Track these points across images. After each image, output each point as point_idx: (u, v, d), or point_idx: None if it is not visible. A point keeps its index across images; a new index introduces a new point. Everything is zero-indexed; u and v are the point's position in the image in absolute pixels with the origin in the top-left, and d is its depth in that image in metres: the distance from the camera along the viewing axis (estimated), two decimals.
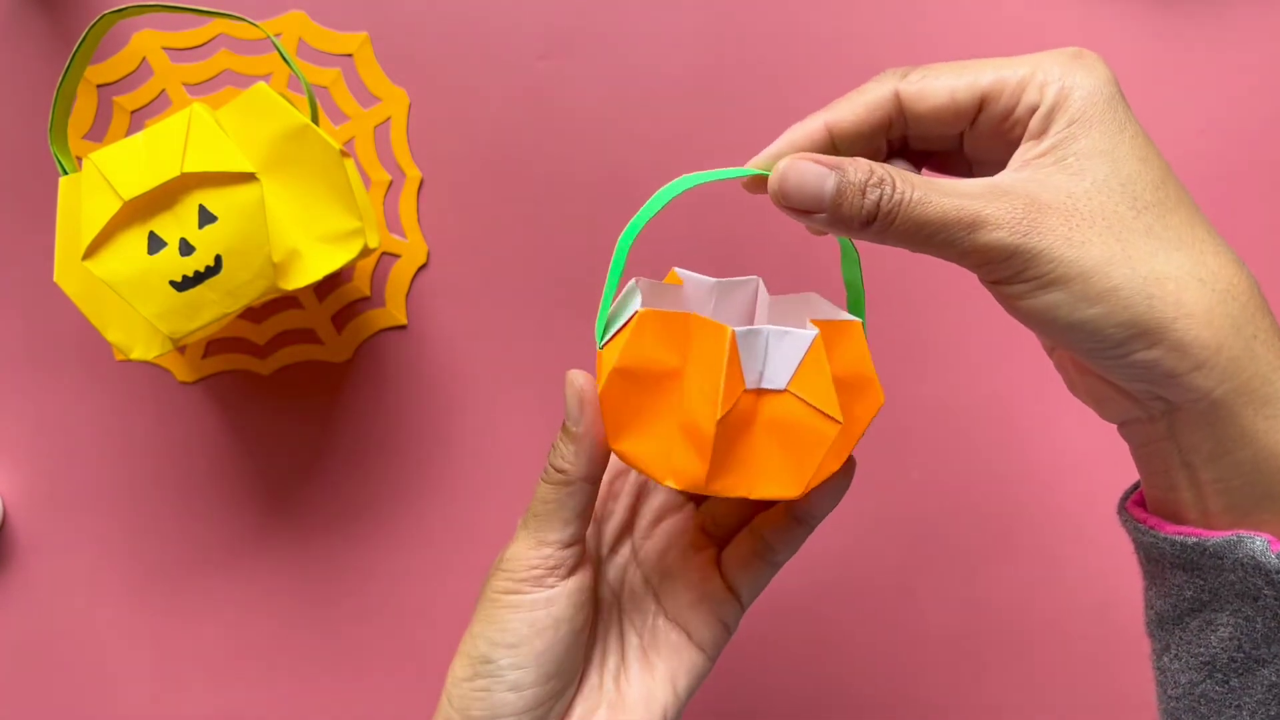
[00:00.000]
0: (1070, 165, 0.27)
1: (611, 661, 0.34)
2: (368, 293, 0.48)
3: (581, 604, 0.32)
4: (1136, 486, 0.32)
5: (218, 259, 0.38)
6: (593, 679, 0.34)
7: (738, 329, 0.28)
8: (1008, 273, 0.26)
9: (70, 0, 0.47)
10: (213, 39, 0.47)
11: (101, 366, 0.48)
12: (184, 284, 0.38)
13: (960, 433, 0.48)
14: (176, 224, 0.38)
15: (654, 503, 0.36)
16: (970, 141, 0.30)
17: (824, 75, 0.48)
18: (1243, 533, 0.27)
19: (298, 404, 0.48)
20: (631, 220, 0.30)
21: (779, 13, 0.48)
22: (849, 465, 0.32)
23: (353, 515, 0.49)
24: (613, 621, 0.35)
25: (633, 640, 0.35)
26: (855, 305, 0.33)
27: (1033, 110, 0.28)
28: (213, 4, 0.46)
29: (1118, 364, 0.27)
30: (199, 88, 0.47)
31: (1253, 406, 0.26)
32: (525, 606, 0.31)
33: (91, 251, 0.38)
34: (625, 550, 0.36)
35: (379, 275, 0.48)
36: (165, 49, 0.47)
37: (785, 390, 0.29)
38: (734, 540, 0.35)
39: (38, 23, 0.47)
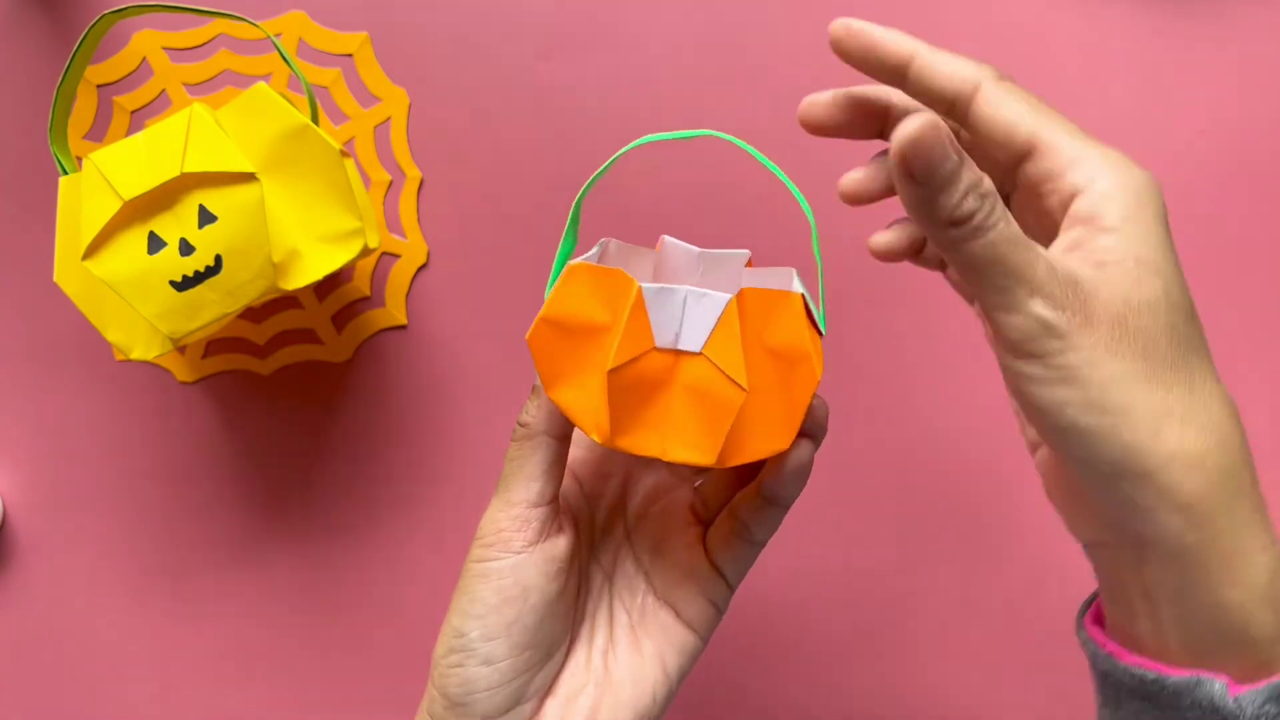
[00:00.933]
0: (1132, 273, 0.27)
1: (600, 640, 0.34)
2: (368, 293, 0.48)
3: (553, 573, 0.31)
4: (1094, 597, 0.32)
5: (218, 259, 0.38)
6: (580, 656, 0.34)
7: (648, 284, 0.28)
8: (1038, 351, 0.26)
9: (70, 0, 0.47)
10: (213, 39, 0.47)
11: (101, 366, 0.48)
12: (184, 284, 0.38)
13: (959, 432, 0.48)
14: (176, 224, 0.38)
15: (646, 483, 0.36)
16: (1007, 187, 0.31)
17: (824, 76, 0.48)
18: (1203, 674, 0.27)
19: (298, 404, 0.48)
20: (589, 179, 0.31)
21: (779, 13, 0.48)
22: (801, 446, 0.31)
23: (353, 515, 0.49)
24: (604, 601, 0.35)
25: (622, 619, 0.35)
26: (820, 283, 0.33)
27: (1078, 190, 0.28)
28: (213, 4, 0.46)
29: (1102, 482, 0.27)
30: (199, 88, 0.47)
31: (1222, 560, 0.26)
32: (494, 574, 0.31)
33: (91, 251, 0.38)
34: (619, 531, 0.36)
35: (379, 275, 0.48)
36: (165, 49, 0.47)
37: (700, 353, 0.29)
38: (716, 520, 0.35)
39: (38, 23, 0.47)
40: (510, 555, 0.31)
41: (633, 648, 0.34)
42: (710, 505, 0.36)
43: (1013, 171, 0.30)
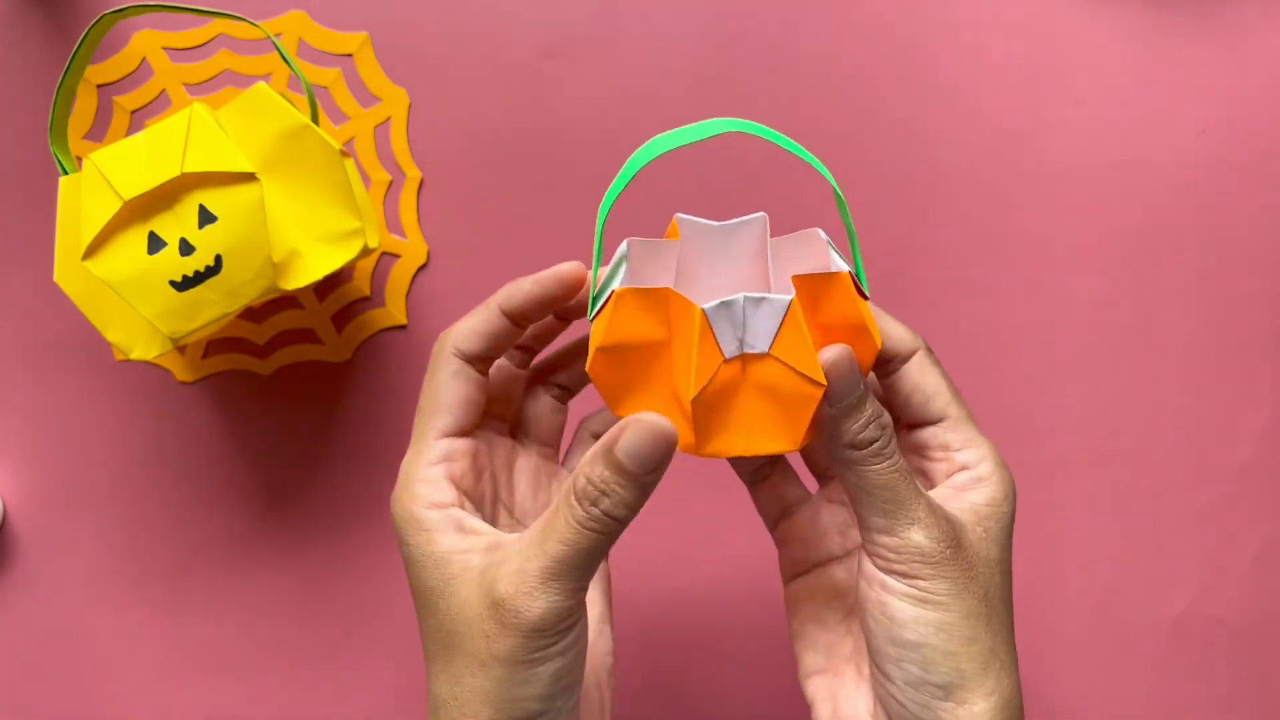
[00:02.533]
0: (996, 537, 0.31)
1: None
2: (368, 293, 0.48)
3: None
4: None
5: (218, 259, 0.38)
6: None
7: (708, 306, 0.28)
8: (911, 572, 0.29)
9: (70, 0, 0.47)
10: (213, 39, 0.47)
11: (101, 366, 0.48)
12: (184, 284, 0.38)
13: None
14: (176, 224, 0.38)
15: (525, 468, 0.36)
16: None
17: (825, 76, 0.48)
18: None
19: (298, 404, 0.48)
20: (610, 188, 0.31)
21: (779, 13, 0.48)
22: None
23: (353, 515, 0.49)
24: None
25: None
26: (854, 250, 0.33)
27: (966, 466, 0.32)
28: (213, 4, 0.46)
29: (916, 687, 0.30)
30: (199, 88, 0.47)
31: None
32: (572, 645, 0.28)
33: (91, 251, 0.38)
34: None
35: (379, 275, 0.48)
36: (165, 49, 0.47)
37: (769, 354, 0.29)
38: (575, 447, 0.37)
39: (38, 23, 0.47)
40: (578, 627, 0.29)
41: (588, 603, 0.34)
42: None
43: (902, 427, 0.34)
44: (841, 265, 0.31)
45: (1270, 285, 0.48)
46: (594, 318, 0.31)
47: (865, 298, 0.31)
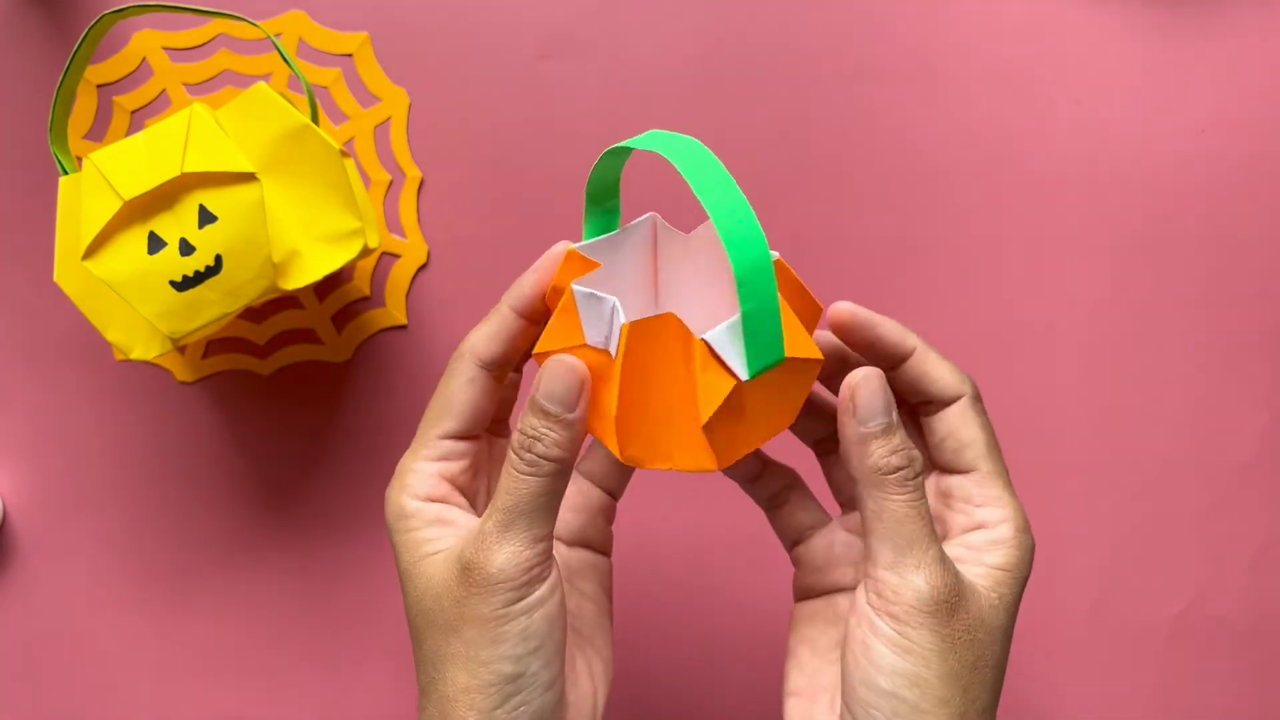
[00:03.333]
0: (1008, 605, 0.30)
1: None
2: (368, 293, 0.48)
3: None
4: None
5: (218, 259, 0.38)
6: None
7: (580, 288, 0.29)
8: (901, 615, 0.29)
9: (70, 0, 0.47)
10: (213, 39, 0.47)
11: (101, 366, 0.48)
12: (184, 284, 0.38)
13: None
14: (176, 224, 0.38)
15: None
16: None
17: (824, 76, 0.48)
18: None
19: (298, 404, 0.48)
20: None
21: (778, 13, 0.48)
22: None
23: (353, 515, 0.49)
24: None
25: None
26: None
27: (985, 525, 0.31)
28: (213, 4, 0.46)
29: None
30: (199, 88, 0.47)
31: None
32: (539, 604, 0.29)
33: (91, 251, 0.38)
34: None
35: (379, 275, 0.48)
36: (165, 49, 0.47)
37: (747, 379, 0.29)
38: (589, 455, 0.37)
39: (38, 23, 0.47)
40: (547, 581, 0.30)
41: (580, 598, 0.35)
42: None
43: (932, 471, 0.34)
44: (711, 335, 0.30)
45: (1270, 285, 0.48)
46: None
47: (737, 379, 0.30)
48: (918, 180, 0.48)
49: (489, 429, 0.35)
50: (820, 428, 0.36)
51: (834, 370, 0.34)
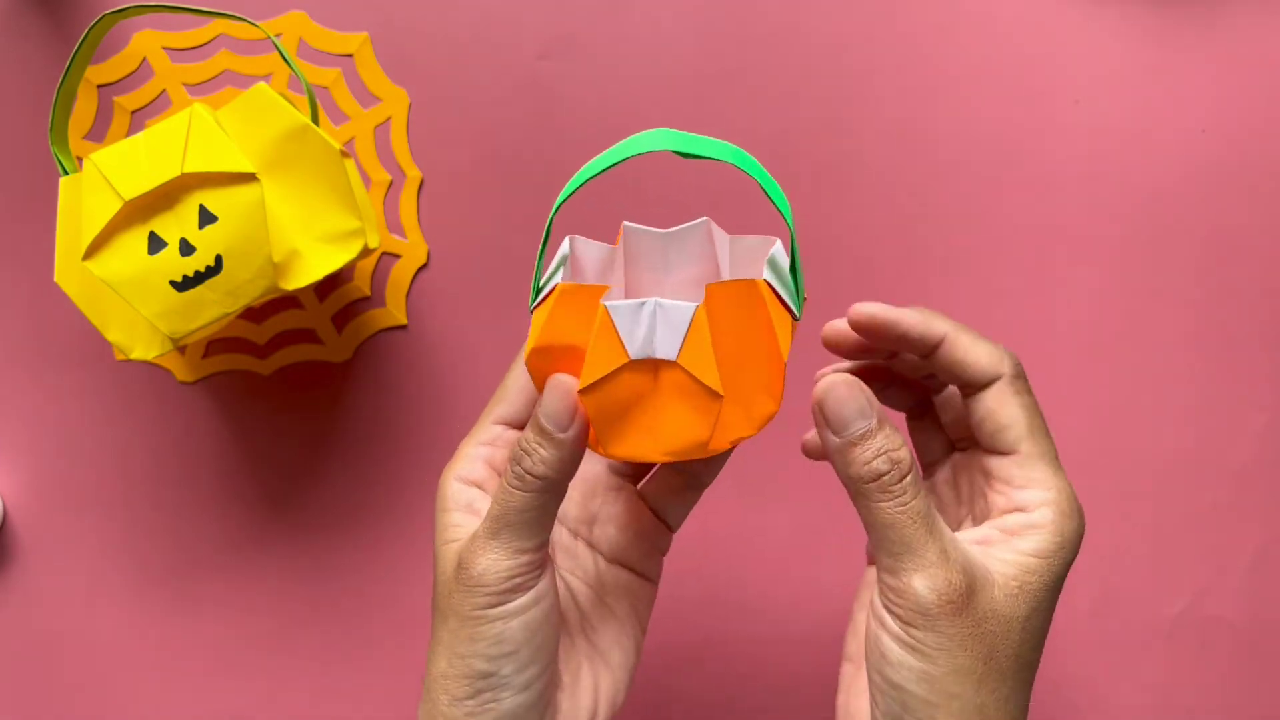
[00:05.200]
0: (1014, 590, 0.29)
1: (573, 618, 0.34)
2: (368, 293, 0.48)
3: (556, 584, 0.32)
4: None
5: (218, 259, 0.38)
6: (564, 641, 0.34)
7: (614, 303, 0.29)
8: (905, 616, 0.28)
9: (70, 0, 0.47)
10: (213, 39, 0.47)
11: (101, 366, 0.48)
12: (184, 284, 0.38)
13: None
14: (177, 224, 0.38)
15: None
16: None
17: (825, 75, 0.48)
18: None
19: (298, 404, 0.48)
20: (566, 185, 0.31)
21: (779, 13, 0.48)
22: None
23: (353, 515, 0.49)
24: (559, 583, 0.35)
25: (584, 592, 0.35)
26: (795, 270, 0.33)
27: (1021, 508, 0.31)
28: (213, 4, 0.46)
29: None
30: (199, 88, 0.47)
31: None
32: (516, 612, 0.30)
33: (92, 251, 0.38)
34: None
35: (379, 275, 0.48)
36: (165, 49, 0.47)
37: (675, 362, 0.29)
38: (655, 477, 0.36)
39: (38, 23, 0.47)
40: (529, 592, 0.30)
41: (606, 614, 0.35)
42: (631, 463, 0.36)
43: (977, 449, 0.33)
44: (768, 275, 0.30)
45: (1270, 285, 0.48)
46: (534, 309, 0.31)
47: (794, 318, 0.30)
48: (918, 180, 0.48)
49: None
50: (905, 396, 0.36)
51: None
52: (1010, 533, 0.31)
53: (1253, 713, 0.50)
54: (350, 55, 0.47)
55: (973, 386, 0.32)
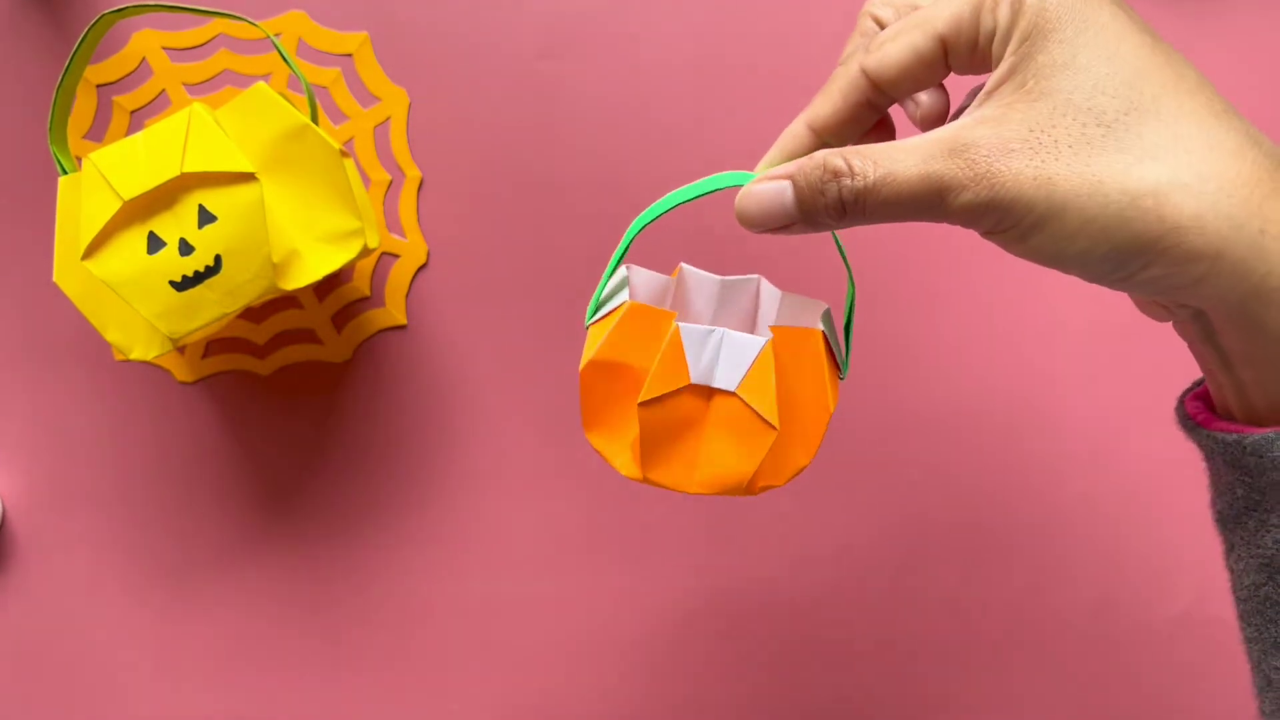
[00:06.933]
0: (1030, 89, 0.25)
1: None
2: (368, 293, 0.48)
3: None
4: (1200, 381, 0.31)
5: (217, 259, 0.38)
6: None
7: (687, 325, 0.30)
8: (989, 226, 0.25)
9: (70, 0, 0.47)
10: (213, 39, 0.47)
11: (101, 366, 0.48)
12: (184, 284, 0.38)
13: (959, 433, 0.48)
14: (176, 224, 0.38)
15: None
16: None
17: (825, 75, 0.48)
18: None
19: (298, 404, 0.48)
20: (645, 211, 0.31)
21: (780, 12, 0.48)
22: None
23: (353, 515, 0.49)
24: None
25: None
26: (848, 328, 0.33)
27: (992, 37, 0.26)
28: (213, 4, 0.46)
29: (1126, 285, 0.26)
30: (199, 88, 0.47)
31: (1274, 306, 0.24)
32: None
33: (91, 251, 0.38)
34: None
35: (379, 275, 0.48)
36: (165, 49, 0.47)
37: (734, 393, 0.30)
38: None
39: (38, 23, 0.47)
40: None
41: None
42: None
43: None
44: (814, 327, 0.31)
45: None
46: (592, 324, 0.31)
47: (840, 374, 0.31)
48: None
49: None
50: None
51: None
52: (1000, 58, 0.26)
53: (1252, 713, 0.49)
54: (350, 55, 0.47)
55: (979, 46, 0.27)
